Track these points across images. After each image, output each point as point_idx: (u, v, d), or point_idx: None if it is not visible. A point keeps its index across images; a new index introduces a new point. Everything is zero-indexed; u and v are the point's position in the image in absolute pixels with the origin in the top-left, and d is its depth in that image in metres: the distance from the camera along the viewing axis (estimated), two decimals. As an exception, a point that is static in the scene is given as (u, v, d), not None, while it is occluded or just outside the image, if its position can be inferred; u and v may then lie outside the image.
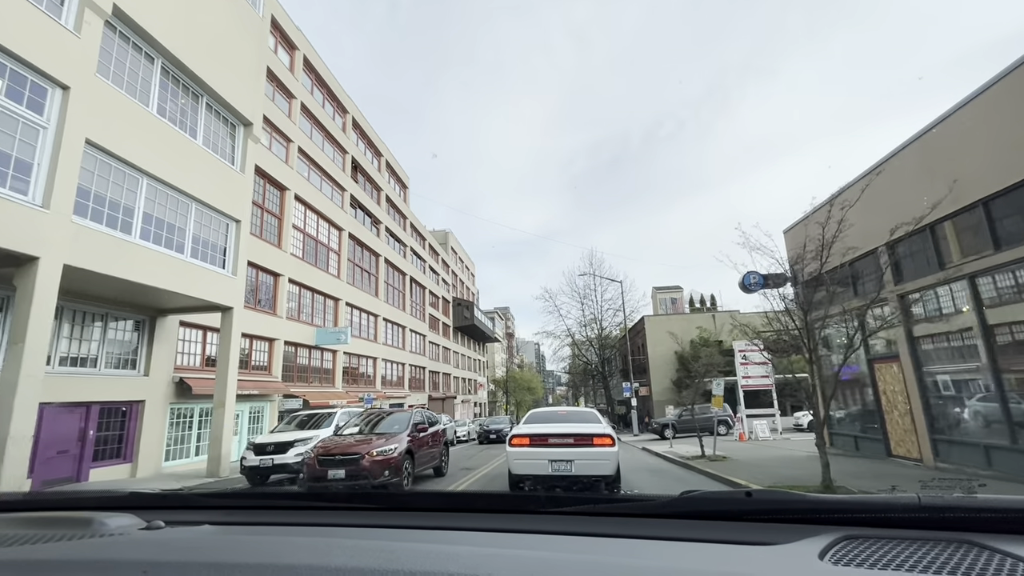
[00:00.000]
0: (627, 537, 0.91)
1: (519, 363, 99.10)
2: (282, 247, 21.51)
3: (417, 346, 41.21)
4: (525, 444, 7.69)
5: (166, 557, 0.81)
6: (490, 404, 75.14)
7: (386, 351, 33.30)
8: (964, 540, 0.80)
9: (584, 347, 45.49)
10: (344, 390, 26.17)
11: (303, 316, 23.45)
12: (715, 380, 12.66)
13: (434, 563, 0.74)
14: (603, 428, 7.97)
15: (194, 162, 13.18)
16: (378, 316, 32.19)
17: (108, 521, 1.05)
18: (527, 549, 0.87)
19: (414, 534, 1.02)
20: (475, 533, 0.99)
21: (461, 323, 54.81)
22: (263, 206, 20.52)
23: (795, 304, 11.45)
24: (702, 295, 44.74)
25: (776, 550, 0.81)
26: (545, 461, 7.42)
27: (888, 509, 0.91)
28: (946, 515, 0.88)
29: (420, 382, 41.37)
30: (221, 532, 1.06)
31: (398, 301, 37.04)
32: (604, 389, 46.05)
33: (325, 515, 1.20)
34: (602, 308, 42.98)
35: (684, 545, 0.87)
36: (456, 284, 59.86)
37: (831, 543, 0.81)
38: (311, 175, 24.94)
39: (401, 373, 36.68)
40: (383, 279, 33.57)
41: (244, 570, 0.74)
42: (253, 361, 19.37)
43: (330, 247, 26.37)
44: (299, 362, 22.84)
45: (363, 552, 0.81)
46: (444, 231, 57.99)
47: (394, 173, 38.88)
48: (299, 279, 22.74)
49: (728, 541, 0.87)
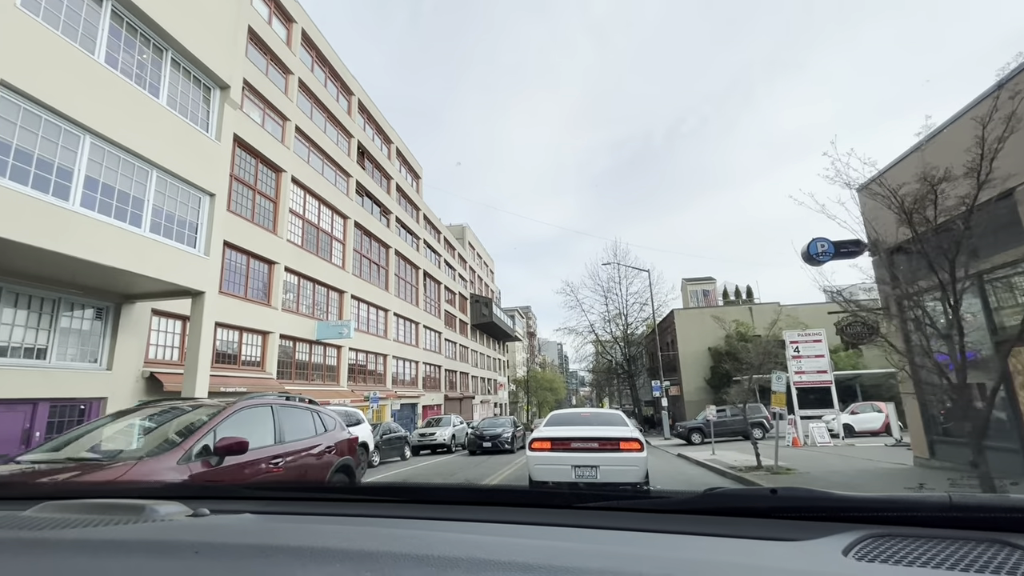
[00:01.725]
0: (652, 531, 0.92)
1: (540, 363, 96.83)
2: (278, 233, 19.82)
3: (432, 344, 39.40)
4: (546, 448, 7.25)
5: (215, 539, 0.86)
6: (511, 404, 73.14)
7: (397, 348, 31.51)
8: (995, 539, 0.78)
9: (609, 345, 42.98)
10: (349, 388, 24.40)
11: (303, 308, 21.74)
12: (776, 373, 10.27)
13: (462, 550, 0.76)
14: (630, 431, 7.44)
15: (155, 124, 11.44)
16: (388, 311, 30.43)
17: (158, 508, 1.09)
18: (553, 540, 0.87)
19: (442, 524, 1.04)
20: (500, 525, 1.00)
21: (479, 321, 52.87)
22: (255, 187, 18.85)
23: (886, 273, 9.01)
24: (736, 287, 41.66)
25: (800, 546, 0.81)
26: (568, 467, 7.00)
27: (917, 508, 0.90)
28: (978, 514, 0.86)
29: (435, 381, 39.54)
30: (263, 520, 1.11)
31: (411, 296, 35.26)
32: (630, 389, 43.42)
33: (357, 506, 1.26)
34: (627, 302, 40.47)
35: (709, 540, 0.87)
36: (474, 280, 57.98)
37: (856, 540, 0.80)
38: (311, 158, 23.26)
39: (415, 372, 34.88)
40: (393, 272, 31.81)
41: (286, 552, 0.77)
42: (243, 356, 17.69)
43: (333, 236, 24.67)
44: (298, 358, 21.14)
45: (395, 539, 0.84)
46: (461, 225, 56.18)
47: (405, 162, 37.15)
48: (297, 268, 21.04)
49: (752, 537, 0.87)
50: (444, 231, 46.51)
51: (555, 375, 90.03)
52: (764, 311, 33.39)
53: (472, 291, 55.05)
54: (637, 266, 37.00)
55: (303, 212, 22.17)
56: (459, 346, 47.52)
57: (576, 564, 0.71)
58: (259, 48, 20.16)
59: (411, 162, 38.20)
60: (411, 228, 36.26)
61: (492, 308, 54.74)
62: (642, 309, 40.53)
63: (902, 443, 14.59)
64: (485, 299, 55.04)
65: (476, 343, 54.58)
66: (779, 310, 13.02)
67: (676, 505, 1.03)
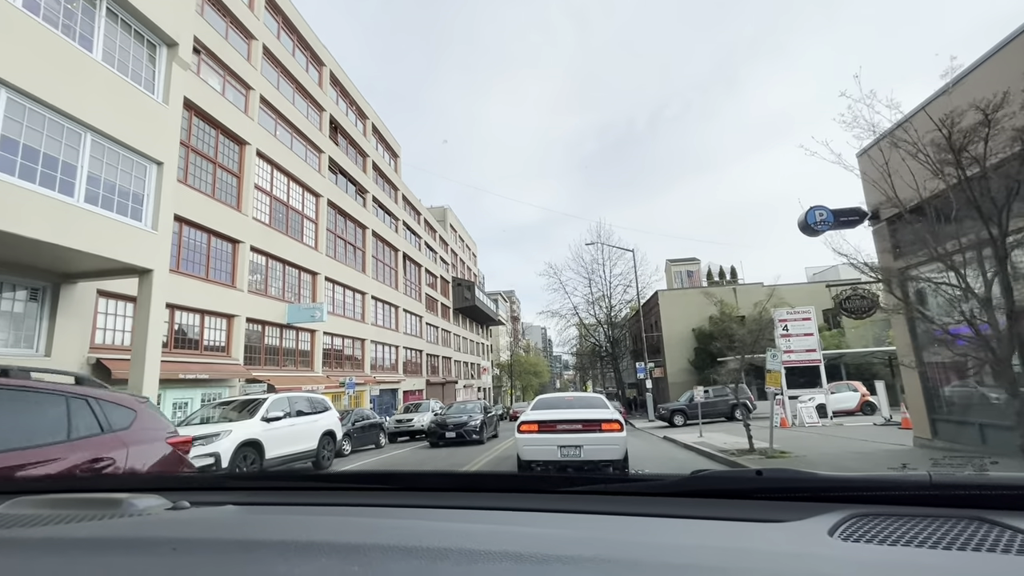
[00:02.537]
0: (638, 515, 0.92)
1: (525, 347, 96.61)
2: (242, 210, 18.58)
3: (413, 328, 38.45)
4: (534, 431, 7.66)
5: (194, 535, 0.83)
6: (495, 389, 72.79)
7: (376, 332, 30.52)
8: (975, 517, 0.80)
9: (592, 328, 42.54)
10: (324, 374, 23.44)
11: (272, 291, 20.61)
12: (770, 351, 9.68)
13: (450, 540, 0.74)
14: (611, 414, 7.94)
15: (88, 81, 10.21)
16: (366, 294, 29.35)
17: (136, 502, 1.06)
18: (544, 527, 0.87)
19: (430, 513, 1.02)
20: (488, 512, 0.99)
21: (462, 304, 51.97)
22: (216, 160, 17.55)
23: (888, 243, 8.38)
24: (720, 267, 41.44)
25: (786, 527, 0.82)
26: (554, 447, 7.45)
27: (899, 487, 0.92)
28: (957, 492, 0.87)
29: (417, 366, 38.70)
30: (245, 512, 1.08)
31: (390, 279, 34.17)
32: (614, 372, 43.17)
33: (343, 495, 1.21)
34: (611, 284, 39.95)
35: (694, 523, 0.88)
36: (456, 264, 56.92)
37: (841, 520, 0.81)
38: (279, 131, 21.90)
39: (395, 357, 33.97)
40: (371, 254, 30.66)
41: (268, 547, 0.75)
42: (206, 340, 16.59)
43: (305, 215, 23.43)
44: (268, 343, 20.07)
45: (382, 530, 0.83)
46: (442, 207, 54.89)
47: (382, 139, 35.70)
48: (265, 248, 19.85)
49: (739, 519, 0.87)
50: (425, 213, 45.24)
51: (539, 359, 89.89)
52: (748, 292, 33.13)
53: (454, 275, 54.02)
54: (621, 247, 36.37)
55: (270, 189, 20.89)
56: (441, 330, 46.65)
57: (568, 553, 0.70)
58: (217, 9, 18.65)
59: (388, 139, 36.76)
60: (389, 208, 35.00)
61: (475, 292, 53.84)
62: (625, 291, 40.12)
63: (891, 422, 14.27)
64: (468, 283, 54.09)
65: (459, 327, 53.75)
66: (771, 291, 12.42)
67: (664, 488, 1.04)
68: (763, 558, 0.69)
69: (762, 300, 29.22)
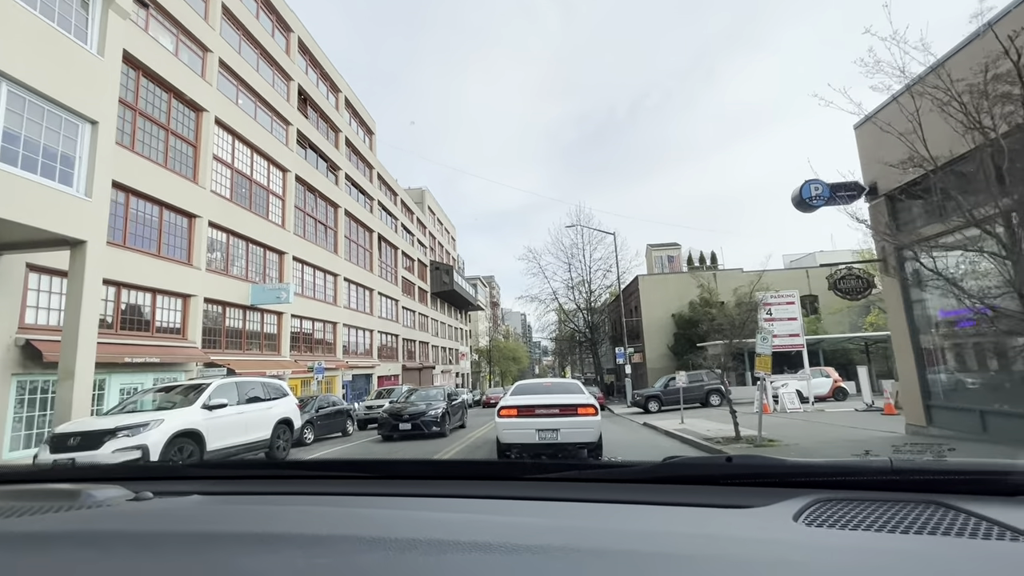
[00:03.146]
0: (612, 502, 0.93)
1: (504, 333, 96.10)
2: (199, 182, 17.26)
3: (388, 312, 37.38)
4: (513, 415, 7.92)
5: (156, 527, 0.81)
6: (473, 374, 72.22)
7: (349, 316, 29.43)
8: (931, 501, 0.82)
9: (572, 313, 42.08)
10: (292, 359, 22.37)
11: (234, 270, 19.38)
12: (760, 334, 9.11)
13: (424, 530, 0.74)
14: (586, 399, 8.25)
15: (4, 24, 8.94)
16: (338, 276, 28.18)
17: (95, 493, 1.02)
18: (515, 515, 0.88)
19: (403, 502, 1.01)
20: (463, 500, 0.99)
21: (440, 289, 50.92)
22: (168, 127, 16.17)
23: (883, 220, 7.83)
24: (701, 252, 41.23)
25: (753, 513, 0.83)
26: (533, 431, 7.72)
27: (860, 472, 0.94)
28: (915, 477, 0.90)
29: (392, 351, 37.73)
30: (210, 502, 1.05)
31: (364, 261, 32.97)
32: (593, 357, 42.89)
33: (313, 484, 1.19)
34: (591, 269, 39.39)
35: (666, 509, 0.89)
36: (434, 247, 55.71)
37: (806, 505, 0.83)
38: (241, 98, 20.45)
39: (369, 341, 32.95)
40: (344, 234, 29.40)
41: (235, 539, 0.73)
42: (159, 322, 15.40)
43: (271, 190, 22.10)
44: (230, 325, 18.92)
45: (353, 520, 0.83)
46: (420, 189, 53.44)
47: (356, 115, 34.16)
48: (226, 224, 18.57)
49: (708, 505, 0.89)
50: (402, 194, 43.86)
51: (518, 345, 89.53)
52: (728, 277, 32.92)
53: (432, 258, 52.86)
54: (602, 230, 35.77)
55: (232, 160, 19.52)
56: (418, 315, 45.64)
57: (538, 542, 0.69)
58: (169, -40, 17.06)
59: (363, 115, 35.21)
60: (363, 187, 33.62)
61: (453, 276, 52.81)
62: (605, 276, 39.67)
63: (873, 408, 14.03)
64: (446, 266, 53.01)
65: (436, 312, 52.77)
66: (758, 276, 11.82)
67: (636, 474, 1.05)
68: (730, 544, 0.70)
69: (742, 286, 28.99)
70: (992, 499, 0.81)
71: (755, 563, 0.63)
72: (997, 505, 0.78)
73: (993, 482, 0.85)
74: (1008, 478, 0.84)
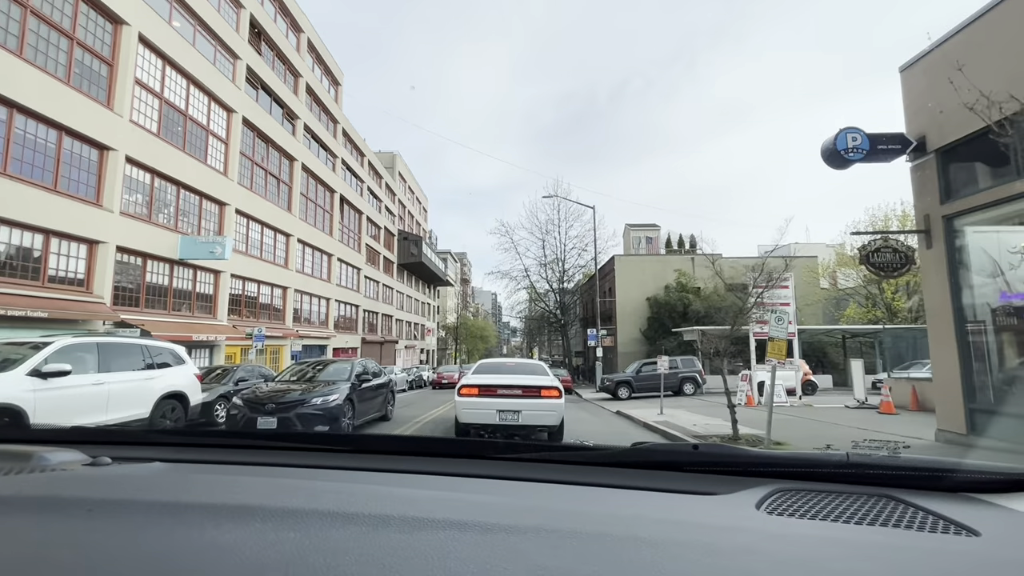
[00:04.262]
0: (580, 484, 0.93)
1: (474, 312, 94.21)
2: (115, 108, 14.55)
3: (349, 280, 34.95)
4: (474, 394, 7.71)
5: (113, 495, 0.77)
6: (440, 351, 70.35)
7: (302, 281, 26.98)
8: (884, 494, 0.85)
9: (544, 294, 40.49)
10: (230, 323, 19.98)
11: (161, 217, 16.80)
12: (774, 313, 7.46)
13: (393, 507, 0.73)
14: (551, 380, 8.05)
15: None
16: (291, 236, 25.63)
17: (49, 456, 0.99)
18: (487, 494, 0.88)
19: (372, 477, 0.99)
20: (431, 477, 0.98)
21: (408, 260, 48.48)
22: (73, 35, 13.37)
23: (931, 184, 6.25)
24: (680, 235, 40.03)
25: (717, 500, 0.85)
26: (493, 411, 7.53)
27: (819, 464, 0.97)
28: (869, 471, 0.94)
29: (351, 322, 35.41)
30: (171, 470, 1.00)
31: (323, 223, 30.36)
32: (562, 339, 41.55)
33: (279, 455, 1.15)
34: (565, 247, 37.70)
35: (633, 493, 0.90)
36: (404, 216, 52.98)
37: (767, 494, 0.85)
38: (176, 18, 17.53)
39: (325, 310, 30.57)
40: (300, 191, 26.73)
41: (200, 510, 0.71)
42: (53, 269, 12.89)
43: (211, 131, 19.34)
44: (153, 280, 16.43)
45: (324, 494, 0.80)
46: (391, 153, 50.43)
47: (321, 61, 31.06)
48: (150, 163, 15.92)
49: (675, 491, 0.90)
50: (370, 155, 40.95)
51: (487, 323, 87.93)
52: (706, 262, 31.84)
53: (401, 227, 50.21)
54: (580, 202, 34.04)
55: (160, 89, 16.73)
56: (382, 286, 43.24)
57: (511, 522, 0.70)
58: None
59: (329, 63, 32.10)
60: (325, 142, 30.77)
61: (422, 247, 50.35)
62: (580, 255, 38.09)
63: (866, 405, 12.87)
64: (415, 237, 50.46)
65: (403, 284, 50.39)
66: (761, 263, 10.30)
67: (605, 458, 1.05)
68: (697, 530, 0.71)
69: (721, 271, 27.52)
70: (939, 495, 0.85)
71: (720, 549, 0.65)
72: (943, 501, 0.82)
73: (940, 479, 0.89)
74: (954, 476, 0.88)
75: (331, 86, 32.92)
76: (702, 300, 28.09)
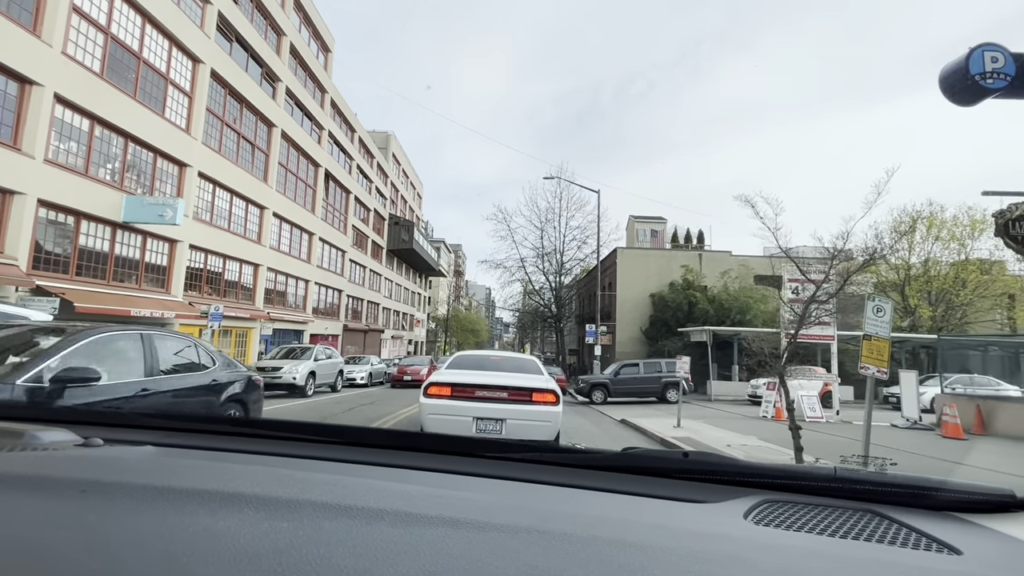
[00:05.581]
0: (572, 487, 0.93)
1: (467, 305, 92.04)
2: (42, 36, 12.25)
3: (332, 263, 32.69)
4: (445, 395, 6.04)
5: (106, 477, 0.76)
6: (429, 343, 68.12)
7: (277, 259, 24.72)
8: (869, 510, 0.86)
9: (540, 288, 38.40)
10: (186, 300, 17.72)
11: (102, 173, 14.50)
12: (872, 303, 5.33)
13: (387, 501, 0.73)
14: (546, 382, 6.33)
15: None
16: (265, 209, 23.35)
17: (41, 435, 0.96)
18: (480, 493, 0.88)
19: (365, 470, 0.98)
20: (426, 473, 0.98)
21: (398, 246, 46.17)
22: (-15, -61, 11.04)
23: None
24: (688, 230, 37.94)
25: (706, 508, 0.86)
26: (469, 419, 5.90)
27: (807, 478, 0.98)
28: (857, 487, 0.94)
29: (333, 308, 33.18)
30: (164, 454, 1.00)
31: (305, 198, 28.06)
32: (556, 335, 39.49)
33: (274, 444, 1.13)
34: (565, 237, 35.59)
35: (623, 498, 0.90)
36: (396, 200, 50.64)
37: (755, 504, 0.85)
38: (130, -57, 15.16)
39: (303, 292, 28.32)
40: (277, 159, 24.42)
41: (193, 495, 0.71)
42: (-51, 221, 10.60)
43: (171, 79, 17.00)
44: (88, 245, 14.16)
45: (318, 486, 0.80)
46: (385, 133, 47.99)
47: (309, 21, 28.65)
48: (89, 107, 13.62)
49: (664, 497, 0.90)
50: (361, 131, 38.57)
51: (479, 317, 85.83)
52: (714, 259, 29.87)
53: (392, 212, 47.89)
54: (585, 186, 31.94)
55: (107, 23, 14.39)
56: (369, 271, 40.97)
57: (504, 521, 0.70)
58: None
59: (318, 25, 29.68)
60: (311, 111, 28.40)
61: (414, 234, 48.05)
62: (579, 248, 36.00)
63: (920, 425, 10.85)
64: (407, 222, 48.13)
65: (392, 272, 48.13)
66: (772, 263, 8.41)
67: (596, 461, 1.06)
68: (685, 537, 0.72)
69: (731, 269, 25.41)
70: (924, 512, 0.86)
71: (708, 556, 0.65)
72: (927, 519, 0.83)
73: (926, 497, 0.89)
74: (939, 495, 0.89)
75: (320, 52, 30.51)
76: (710, 300, 26.07)
